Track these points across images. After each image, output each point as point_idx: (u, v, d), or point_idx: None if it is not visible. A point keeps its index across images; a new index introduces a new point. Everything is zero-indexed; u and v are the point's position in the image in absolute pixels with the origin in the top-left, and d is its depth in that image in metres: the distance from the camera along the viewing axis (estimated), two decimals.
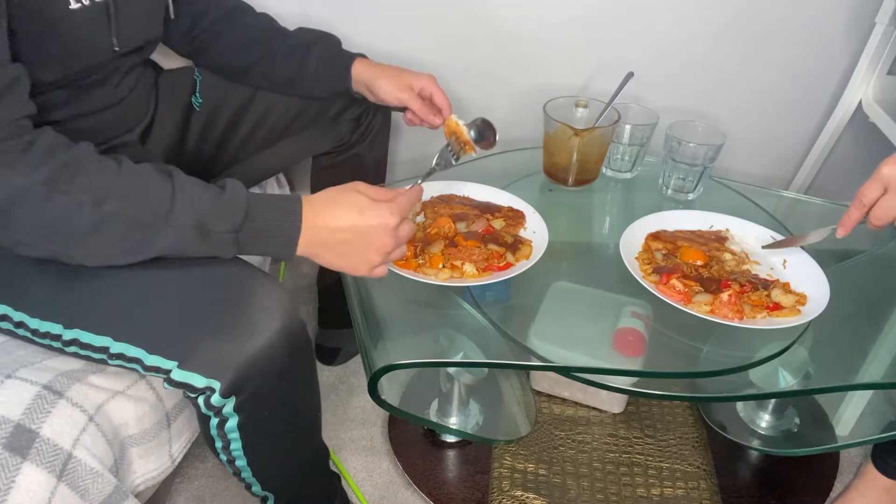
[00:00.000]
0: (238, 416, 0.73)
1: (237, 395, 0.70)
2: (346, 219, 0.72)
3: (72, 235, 0.64)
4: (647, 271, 0.89)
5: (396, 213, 0.74)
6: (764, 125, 1.36)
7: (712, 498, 1.07)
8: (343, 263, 0.75)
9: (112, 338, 0.72)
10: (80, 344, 0.73)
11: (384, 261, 0.76)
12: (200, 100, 1.03)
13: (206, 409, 0.72)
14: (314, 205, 0.72)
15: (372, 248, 0.74)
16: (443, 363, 0.96)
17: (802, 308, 0.83)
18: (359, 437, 1.20)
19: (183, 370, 0.69)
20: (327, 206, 0.73)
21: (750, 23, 1.23)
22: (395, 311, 0.91)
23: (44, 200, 0.61)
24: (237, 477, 0.84)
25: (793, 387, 0.87)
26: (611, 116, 1.04)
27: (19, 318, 0.75)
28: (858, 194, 0.81)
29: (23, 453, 0.64)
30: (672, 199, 1.09)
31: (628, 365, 0.82)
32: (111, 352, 0.72)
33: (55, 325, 0.74)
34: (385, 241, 0.74)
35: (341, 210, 0.72)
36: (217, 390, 0.69)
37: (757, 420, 1.14)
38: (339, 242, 0.73)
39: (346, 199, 0.73)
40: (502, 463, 1.11)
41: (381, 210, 0.73)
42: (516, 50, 1.30)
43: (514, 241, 0.92)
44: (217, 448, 0.78)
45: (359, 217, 0.72)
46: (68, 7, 0.71)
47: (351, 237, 0.73)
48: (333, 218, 0.72)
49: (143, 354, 0.71)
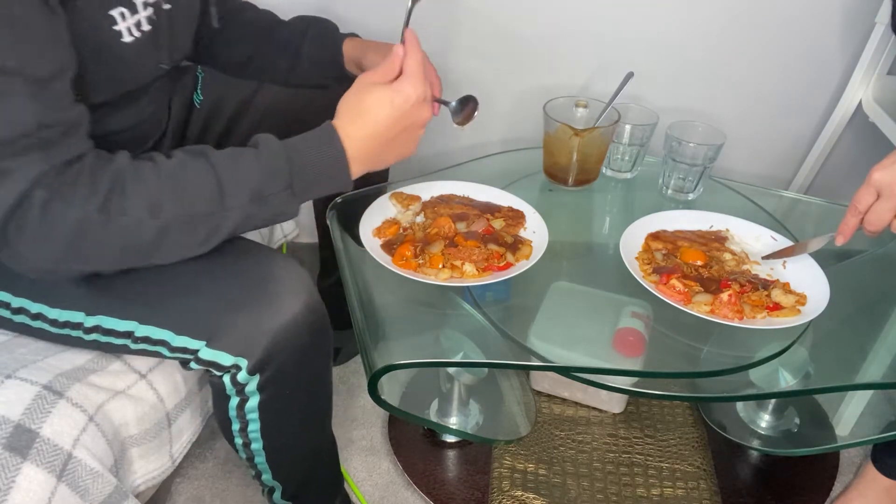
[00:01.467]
0: (260, 395, 0.75)
1: (262, 372, 0.72)
2: (383, 117, 0.72)
3: (141, 249, 0.65)
4: (647, 271, 0.89)
5: (420, 83, 0.74)
6: (764, 125, 1.36)
7: (712, 498, 1.07)
8: (399, 153, 0.77)
9: (137, 321, 0.73)
10: (103, 330, 0.74)
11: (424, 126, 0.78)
12: (201, 97, 1.03)
13: (230, 388, 0.73)
14: (345, 122, 0.72)
15: (417, 125, 0.76)
16: (443, 363, 0.96)
17: (802, 308, 0.83)
18: (359, 437, 1.20)
19: (211, 349, 0.71)
20: (358, 116, 0.73)
21: (750, 23, 1.23)
22: (395, 311, 0.91)
23: (104, 227, 0.62)
24: (249, 463, 0.85)
25: (793, 387, 0.87)
26: (611, 116, 1.04)
27: (37, 310, 0.76)
28: (853, 201, 0.81)
29: (23, 453, 0.64)
30: (672, 199, 1.09)
31: (628, 365, 0.82)
32: (136, 335, 0.74)
33: (76, 313, 0.75)
34: (425, 114, 0.75)
35: (373, 112, 0.72)
36: (244, 367, 0.71)
37: (757, 420, 1.14)
38: (388, 140, 0.74)
39: (370, 101, 0.73)
40: (502, 463, 1.11)
41: (407, 90, 0.73)
42: (516, 50, 1.30)
43: (514, 241, 0.92)
44: (234, 431, 0.80)
45: (392, 109, 0.73)
46: (121, 41, 0.71)
47: (396, 130, 0.74)
48: (371, 124, 0.72)
49: (170, 336, 0.72)
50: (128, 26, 0.72)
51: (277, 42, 1.00)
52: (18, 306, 0.77)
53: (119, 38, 0.71)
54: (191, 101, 1.03)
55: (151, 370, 0.82)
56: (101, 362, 0.78)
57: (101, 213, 0.61)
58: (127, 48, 0.72)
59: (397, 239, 0.91)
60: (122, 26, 0.71)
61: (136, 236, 0.64)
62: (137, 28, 0.73)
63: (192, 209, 0.65)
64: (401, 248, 0.88)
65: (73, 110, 0.63)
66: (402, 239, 0.91)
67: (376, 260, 0.87)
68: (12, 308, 0.77)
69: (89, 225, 0.61)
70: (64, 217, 0.60)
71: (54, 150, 0.60)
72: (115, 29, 0.70)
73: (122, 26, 0.71)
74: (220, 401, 0.78)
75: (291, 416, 0.81)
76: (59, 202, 0.60)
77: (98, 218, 0.61)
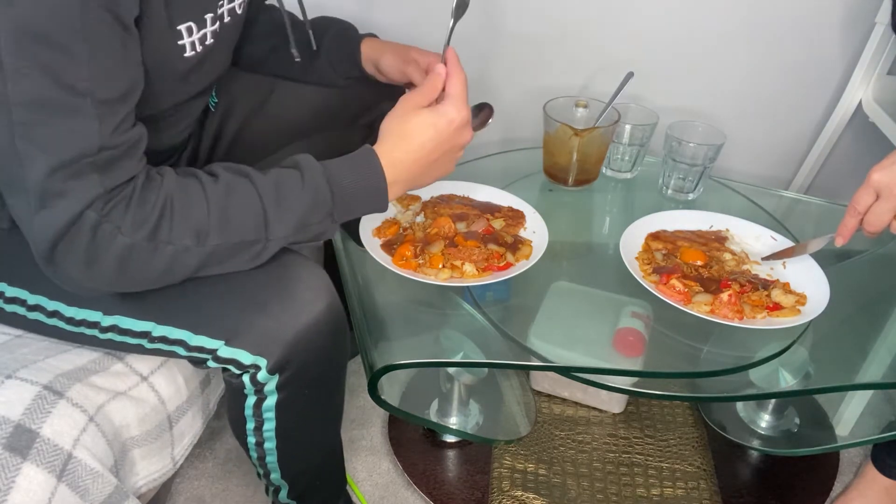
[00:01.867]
0: (278, 395, 0.75)
1: (281, 372, 0.72)
2: (426, 140, 0.74)
3: (184, 272, 0.66)
4: (647, 271, 0.89)
5: (463, 106, 0.76)
6: (764, 125, 1.36)
7: (712, 498, 1.07)
8: (438, 174, 0.79)
9: (155, 322, 0.73)
10: (119, 330, 0.74)
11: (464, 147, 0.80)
12: (216, 100, 1.03)
13: (249, 386, 0.73)
14: (388, 148, 0.74)
15: (458, 147, 0.78)
16: (443, 363, 0.96)
17: (802, 308, 0.83)
18: (359, 437, 1.20)
19: (231, 347, 0.71)
20: (401, 140, 0.74)
21: (750, 23, 1.23)
22: (395, 311, 0.91)
23: (151, 254, 0.63)
24: (259, 462, 0.85)
25: (793, 387, 0.87)
26: (611, 116, 1.04)
27: (54, 307, 0.76)
28: (852, 202, 0.81)
29: (23, 453, 0.64)
30: (672, 199, 1.09)
31: (628, 365, 0.82)
32: (153, 335, 0.74)
33: (94, 312, 0.75)
34: (466, 136, 0.77)
35: (417, 137, 0.74)
36: (264, 367, 0.71)
37: (757, 420, 1.14)
38: (429, 163, 0.76)
39: (413, 123, 0.74)
40: (502, 463, 1.11)
41: (451, 114, 0.75)
42: (516, 50, 1.30)
43: (514, 241, 0.92)
44: (248, 430, 0.80)
45: (436, 133, 0.74)
46: (183, 55, 0.72)
47: (438, 153, 0.76)
48: (414, 149, 0.74)
49: (188, 336, 0.72)
50: (192, 41, 0.72)
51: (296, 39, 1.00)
52: (34, 303, 0.77)
53: (182, 53, 0.71)
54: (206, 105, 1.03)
55: (153, 372, 0.82)
56: (102, 363, 0.78)
57: (149, 242, 0.62)
58: (186, 63, 0.72)
59: (397, 239, 0.91)
60: (187, 41, 0.71)
61: (180, 262, 0.65)
62: (201, 42, 0.73)
63: (238, 237, 0.67)
64: (401, 248, 0.88)
65: (134, 132, 0.63)
66: (402, 239, 0.91)
67: (376, 260, 0.87)
68: (28, 305, 0.77)
69: (137, 252, 0.62)
70: (112, 242, 0.61)
71: (111, 172, 0.60)
72: (180, 44, 0.70)
73: (187, 41, 0.71)
74: (236, 399, 0.77)
75: (307, 416, 0.81)
76: (108, 225, 0.60)
77: (146, 246, 0.62)
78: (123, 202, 0.61)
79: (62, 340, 0.80)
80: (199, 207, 0.64)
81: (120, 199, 0.61)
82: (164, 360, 0.83)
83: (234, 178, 0.67)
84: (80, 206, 0.59)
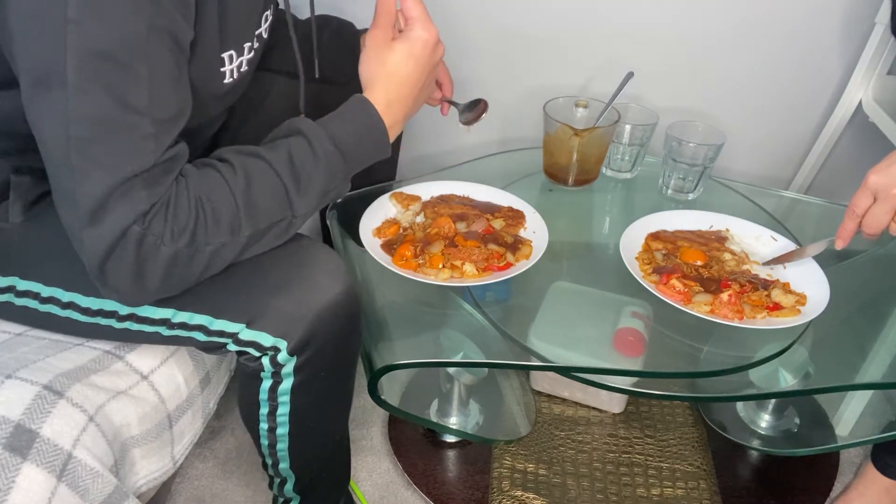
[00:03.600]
0: (294, 378, 0.76)
1: (300, 354, 0.73)
2: (410, 71, 0.77)
3: (223, 265, 0.69)
4: (647, 271, 0.89)
5: (429, 23, 0.77)
6: (764, 125, 1.36)
7: (712, 498, 1.07)
8: (425, 97, 0.82)
9: (175, 308, 0.74)
10: (138, 318, 0.75)
11: None
12: None
13: (268, 368, 0.74)
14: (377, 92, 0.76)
15: (435, 65, 0.81)
16: (443, 363, 0.96)
17: (802, 308, 0.83)
18: (359, 437, 1.20)
19: (252, 329, 0.72)
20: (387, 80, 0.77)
21: (750, 23, 1.23)
22: (395, 311, 0.91)
23: (192, 258, 0.65)
24: (270, 450, 0.85)
25: (793, 387, 0.87)
26: (611, 116, 1.04)
27: (69, 299, 0.76)
28: (850, 205, 0.81)
29: (23, 453, 0.64)
30: (672, 199, 1.09)
31: (628, 365, 0.82)
32: (172, 321, 0.74)
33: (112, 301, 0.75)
34: (440, 51, 0.80)
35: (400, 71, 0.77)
36: (284, 348, 0.72)
37: (757, 420, 1.14)
38: (418, 91, 0.79)
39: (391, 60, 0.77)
40: (502, 463, 1.11)
41: (423, 36, 0.77)
42: (516, 50, 1.30)
43: (514, 241, 0.92)
44: (261, 415, 0.80)
45: (416, 60, 0.77)
46: (223, 82, 0.73)
47: (423, 78, 0.78)
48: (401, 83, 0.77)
49: (209, 320, 0.73)
50: (232, 69, 0.74)
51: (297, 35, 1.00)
52: (48, 295, 0.77)
53: (222, 80, 0.73)
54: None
55: (153, 371, 0.82)
56: (102, 362, 0.78)
57: (190, 247, 0.64)
58: (224, 88, 0.74)
59: (397, 239, 0.91)
60: (227, 68, 0.73)
61: (219, 258, 0.67)
62: (238, 70, 0.75)
63: (266, 222, 0.69)
64: (401, 248, 0.88)
65: (177, 148, 0.64)
66: (402, 239, 0.91)
67: (376, 260, 0.87)
68: (41, 297, 0.77)
69: (180, 259, 0.64)
70: (157, 253, 0.62)
71: (156, 188, 0.61)
72: (222, 70, 0.72)
73: (227, 68, 0.73)
74: (251, 384, 0.78)
75: (321, 401, 0.82)
76: (151, 238, 0.62)
77: (187, 251, 0.64)
78: (161, 213, 0.62)
79: (71, 334, 0.80)
80: (227, 204, 0.66)
81: (158, 210, 0.62)
82: (165, 358, 0.83)
83: (248, 160, 0.69)
84: (128, 221, 0.60)
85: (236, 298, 0.73)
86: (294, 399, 0.78)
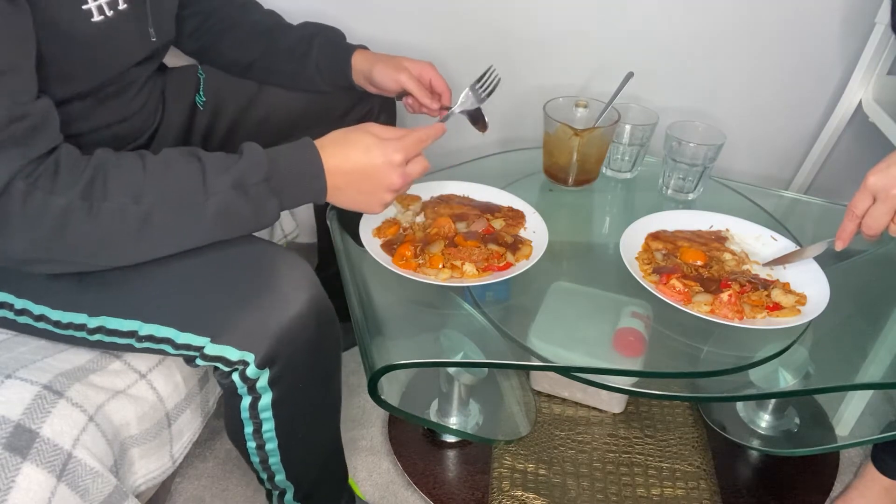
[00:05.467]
0: (272, 392, 0.74)
1: (271, 367, 0.72)
2: (354, 159, 0.74)
3: (125, 239, 0.66)
4: (647, 271, 0.89)
5: (401, 151, 0.75)
6: (764, 125, 1.36)
7: (712, 498, 1.07)
8: (358, 203, 0.78)
9: (141, 321, 0.73)
10: (106, 331, 0.74)
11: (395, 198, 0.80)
12: (204, 98, 1.02)
13: (241, 385, 0.73)
14: (325, 146, 0.74)
15: (382, 187, 0.77)
16: (443, 363, 0.96)
17: (802, 308, 0.83)
18: (359, 437, 1.20)
19: (217, 344, 0.71)
20: (336, 147, 0.75)
21: (750, 23, 1.23)
22: (395, 311, 0.91)
23: (88, 214, 0.63)
24: (263, 466, 0.84)
25: (793, 387, 0.87)
26: (611, 116, 1.04)
27: (40, 312, 0.76)
28: (849, 206, 0.81)
29: (23, 453, 0.64)
30: (672, 199, 1.09)
31: (628, 365, 0.82)
32: (140, 335, 0.73)
33: (79, 314, 0.75)
34: (393, 180, 0.76)
35: (349, 150, 0.75)
36: (252, 362, 0.71)
37: (757, 420, 1.14)
38: (351, 183, 0.76)
39: (354, 139, 0.75)
40: (502, 463, 1.11)
41: (387, 148, 0.75)
42: (516, 50, 1.30)
43: (514, 241, 0.92)
44: (246, 434, 0.79)
45: (364, 157, 0.74)
46: (90, 20, 0.71)
47: (360, 178, 0.75)
48: (342, 159, 0.74)
49: (174, 333, 0.72)
50: (99, 5, 0.71)
51: (284, 46, 1.00)
52: (21, 308, 0.77)
53: (89, 18, 0.71)
54: (193, 103, 1.02)
55: (151, 370, 0.81)
56: (101, 362, 0.78)
57: (84, 200, 0.62)
58: (96, 27, 0.71)
59: (397, 239, 0.91)
60: (93, 5, 0.70)
61: (119, 224, 0.64)
62: (111, 7, 0.72)
63: (176, 196, 0.66)
64: (401, 248, 0.88)
65: (40, 104, 0.64)
66: (402, 239, 0.91)
67: (376, 260, 0.87)
68: (16, 310, 0.77)
69: (72, 212, 0.62)
70: (46, 206, 0.61)
71: (29, 144, 0.61)
72: (85, 9, 0.70)
73: (93, 5, 0.70)
74: (232, 402, 0.77)
75: (305, 411, 0.81)
76: (40, 192, 0.61)
77: (81, 204, 0.62)
78: (51, 168, 0.62)
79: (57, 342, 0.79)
80: (134, 168, 0.65)
81: (46, 166, 0.62)
82: (163, 357, 0.83)
83: (176, 150, 0.68)
84: (6, 176, 0.59)
85: (200, 310, 0.72)
86: (277, 413, 0.77)
